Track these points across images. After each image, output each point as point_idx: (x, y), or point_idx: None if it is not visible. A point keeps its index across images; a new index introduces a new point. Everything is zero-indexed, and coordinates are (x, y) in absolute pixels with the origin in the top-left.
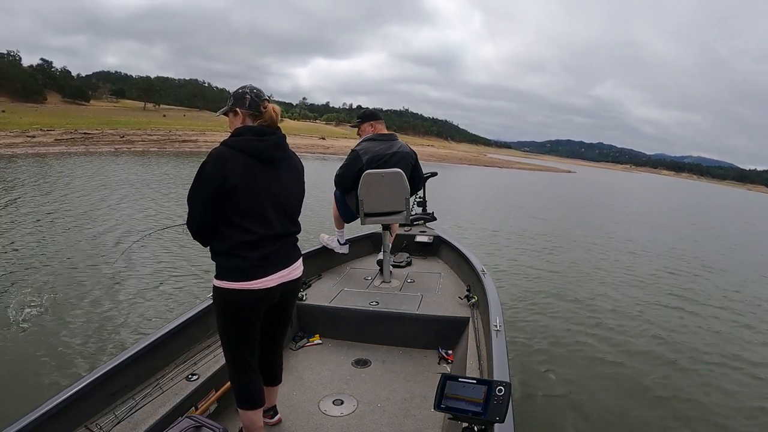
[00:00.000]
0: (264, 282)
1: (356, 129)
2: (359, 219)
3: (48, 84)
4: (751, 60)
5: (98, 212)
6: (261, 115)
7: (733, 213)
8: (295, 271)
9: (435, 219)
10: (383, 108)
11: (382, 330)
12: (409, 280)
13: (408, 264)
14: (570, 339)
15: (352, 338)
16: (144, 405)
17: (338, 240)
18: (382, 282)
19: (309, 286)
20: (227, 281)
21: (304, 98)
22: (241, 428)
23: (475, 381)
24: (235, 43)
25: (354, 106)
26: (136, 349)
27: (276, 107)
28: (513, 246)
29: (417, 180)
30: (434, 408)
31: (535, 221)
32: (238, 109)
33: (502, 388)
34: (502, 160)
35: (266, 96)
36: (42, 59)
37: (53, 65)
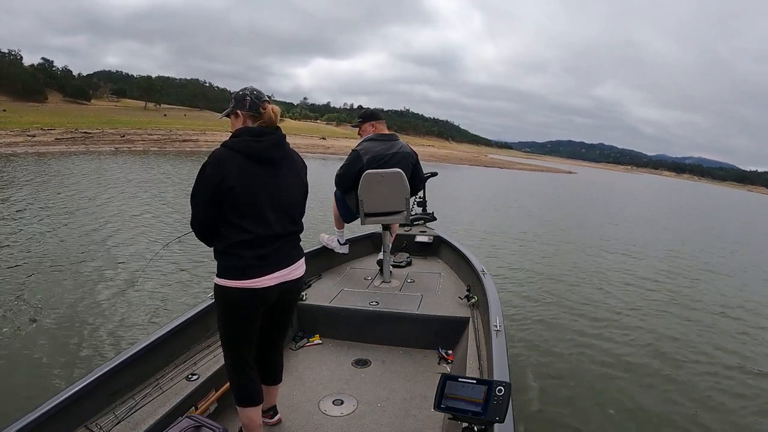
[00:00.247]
0: (262, 281)
1: (357, 129)
2: (359, 219)
3: (49, 83)
4: (752, 60)
5: (82, 211)
6: (261, 116)
7: (734, 213)
8: (296, 271)
9: (435, 219)
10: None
11: (382, 330)
12: (409, 280)
13: (408, 264)
14: (570, 339)
15: (352, 338)
16: (144, 405)
17: (338, 240)
18: (382, 282)
19: (309, 286)
20: (226, 279)
21: (305, 98)
22: (240, 428)
23: (475, 381)
24: (236, 44)
25: (355, 106)
26: (136, 349)
27: (275, 108)
28: (513, 246)
29: (417, 180)
30: (434, 408)
31: (536, 222)
32: (239, 111)
33: (502, 388)
34: (503, 161)
35: (266, 97)
36: (43, 59)
37: (54, 64)
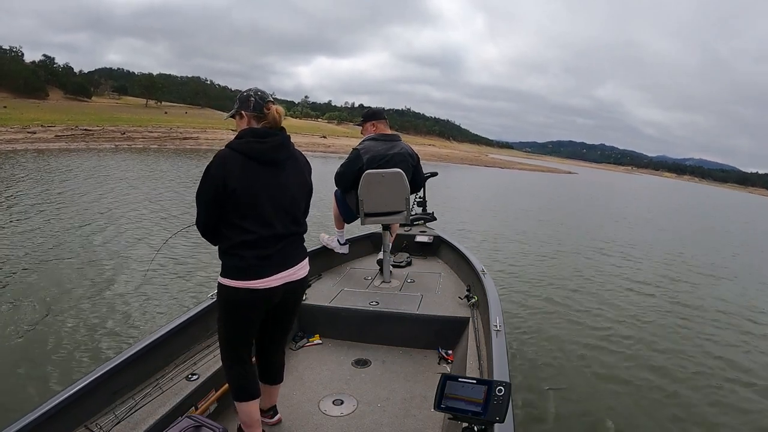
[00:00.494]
0: (266, 282)
1: (361, 128)
2: (359, 219)
3: (50, 80)
4: (752, 60)
5: (75, 207)
6: (265, 117)
7: (734, 214)
8: (300, 271)
9: (435, 219)
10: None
11: (382, 330)
12: (409, 280)
13: (408, 264)
14: (570, 339)
15: (352, 338)
16: (144, 405)
17: (338, 240)
18: (382, 282)
19: (309, 286)
20: (229, 279)
21: (306, 97)
22: (239, 426)
23: (475, 381)
24: (238, 42)
25: (356, 105)
26: (136, 349)
27: (279, 108)
28: (513, 247)
29: (417, 181)
30: (434, 408)
31: (536, 222)
32: (243, 112)
33: (502, 388)
34: (504, 161)
35: (271, 98)
36: (44, 55)
37: (55, 61)
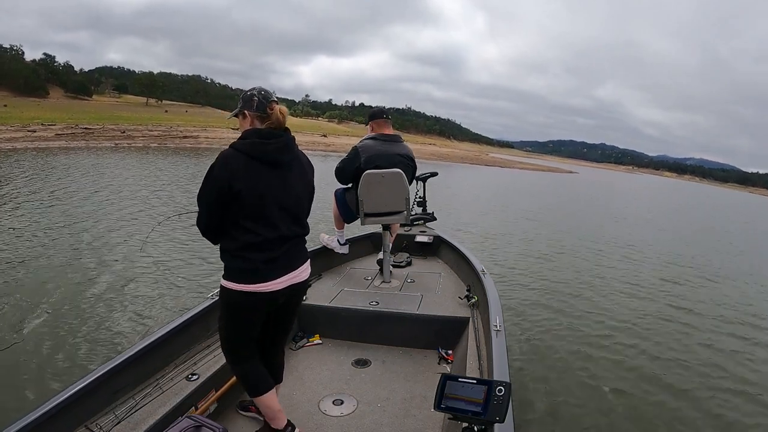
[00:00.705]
0: (271, 285)
1: (367, 126)
2: (359, 219)
3: (50, 79)
4: (752, 60)
5: (67, 205)
6: (268, 117)
7: (735, 214)
8: (303, 273)
9: (435, 219)
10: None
11: (382, 330)
12: (409, 280)
13: (408, 264)
14: (570, 339)
15: (352, 338)
16: (144, 405)
17: (338, 240)
18: (382, 282)
19: (309, 286)
20: (233, 282)
21: (307, 95)
22: (265, 421)
23: (475, 381)
24: (238, 42)
25: (356, 104)
26: (137, 349)
27: (283, 108)
28: (513, 247)
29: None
30: (434, 408)
31: (536, 222)
32: (246, 112)
33: (502, 388)
34: (504, 160)
35: (274, 98)
36: (45, 54)
37: (56, 60)
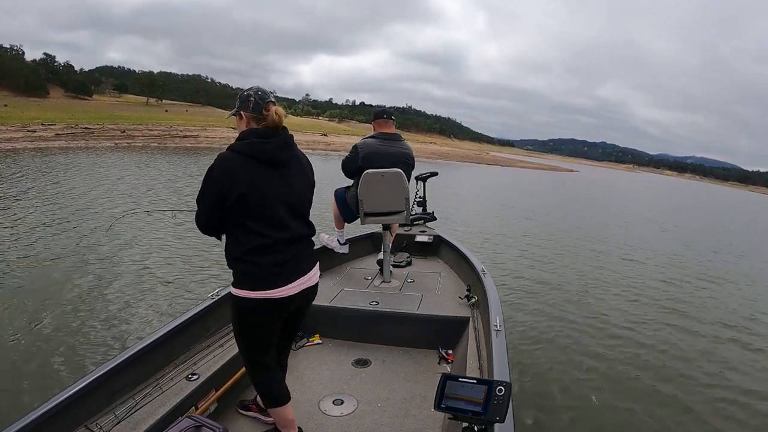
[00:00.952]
0: (284, 290)
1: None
2: (359, 219)
3: (51, 78)
4: (752, 60)
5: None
6: (264, 118)
7: (735, 213)
8: (314, 277)
9: (435, 219)
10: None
11: (382, 330)
12: (409, 280)
13: (408, 264)
14: (570, 339)
15: (352, 338)
16: (144, 405)
17: (338, 240)
18: (382, 282)
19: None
20: (245, 290)
21: (307, 94)
22: (274, 425)
23: (475, 381)
24: (238, 41)
25: (357, 103)
26: (136, 349)
27: (279, 110)
28: (513, 247)
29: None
30: (434, 408)
31: (536, 222)
32: (243, 113)
33: (503, 388)
34: (505, 159)
35: (272, 98)
36: (45, 54)
37: (56, 60)
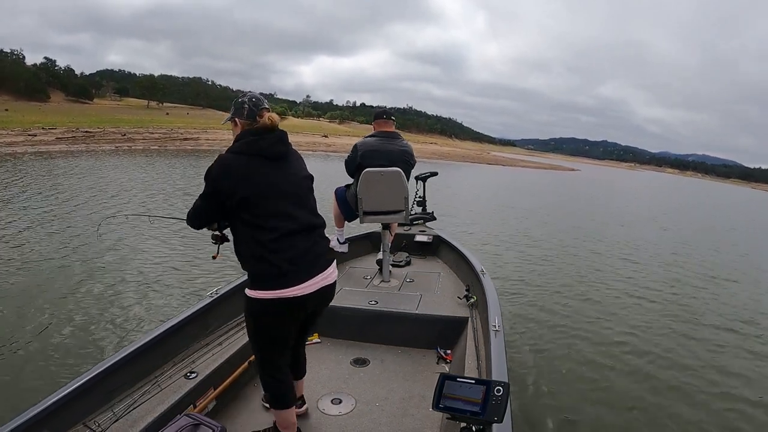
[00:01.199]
0: (302, 288)
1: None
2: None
3: (51, 82)
4: (753, 58)
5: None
6: (252, 128)
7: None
8: (332, 275)
9: (435, 219)
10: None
11: (381, 329)
12: (409, 280)
13: (407, 263)
14: (569, 340)
15: (351, 337)
16: (142, 403)
17: (338, 239)
18: (382, 281)
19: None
20: (261, 290)
21: (308, 96)
22: (274, 422)
23: (474, 381)
24: (239, 42)
25: (358, 104)
26: (135, 347)
27: (273, 116)
28: (513, 247)
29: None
30: (432, 408)
31: (536, 222)
32: (237, 120)
33: (501, 389)
34: (506, 158)
35: (265, 105)
36: (46, 58)
37: (57, 64)
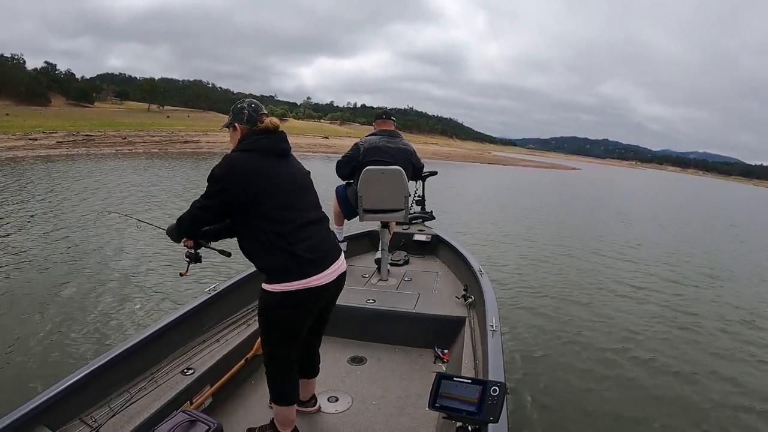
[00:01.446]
0: (322, 278)
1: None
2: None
3: (52, 87)
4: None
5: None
6: (255, 130)
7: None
8: (344, 263)
9: (434, 218)
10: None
11: (379, 328)
12: (407, 279)
13: (406, 262)
14: (566, 340)
15: (349, 336)
16: (139, 398)
17: (336, 237)
18: (380, 280)
19: None
20: (279, 283)
21: (309, 97)
22: (272, 419)
23: (470, 381)
24: (239, 44)
25: (358, 105)
26: (132, 342)
27: (274, 120)
28: (511, 247)
29: (416, 170)
30: (429, 407)
31: (536, 222)
32: (237, 125)
33: (497, 389)
34: (507, 158)
35: (264, 110)
36: (46, 62)
37: (57, 68)
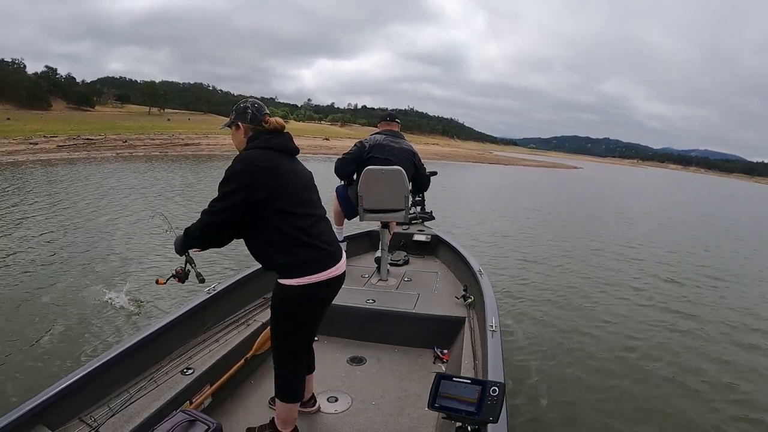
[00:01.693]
0: (338, 269)
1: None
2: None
3: (53, 91)
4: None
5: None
6: (263, 129)
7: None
8: (345, 262)
9: (433, 218)
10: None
11: (378, 328)
12: (406, 279)
13: (405, 263)
14: (566, 341)
15: (348, 336)
16: (138, 398)
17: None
18: (379, 280)
19: None
20: (300, 277)
21: (309, 99)
22: (273, 419)
23: (470, 381)
24: (239, 46)
25: (359, 107)
26: (132, 342)
27: (279, 120)
28: (511, 247)
29: (422, 177)
30: (428, 407)
31: (535, 222)
32: (240, 123)
33: (497, 389)
34: (508, 158)
35: (267, 111)
36: (47, 66)
37: (58, 72)
